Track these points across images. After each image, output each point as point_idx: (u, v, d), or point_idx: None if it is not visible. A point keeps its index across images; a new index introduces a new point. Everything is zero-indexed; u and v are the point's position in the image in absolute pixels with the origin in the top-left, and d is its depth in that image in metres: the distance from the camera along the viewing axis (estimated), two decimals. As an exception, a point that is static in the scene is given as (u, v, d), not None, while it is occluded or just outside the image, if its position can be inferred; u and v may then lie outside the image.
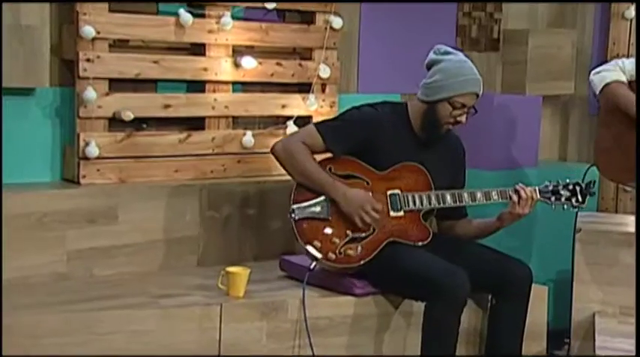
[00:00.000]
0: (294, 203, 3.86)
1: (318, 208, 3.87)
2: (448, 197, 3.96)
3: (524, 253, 5.06)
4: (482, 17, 5.49)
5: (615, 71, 4.39)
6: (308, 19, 4.83)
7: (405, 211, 3.94)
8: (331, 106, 4.89)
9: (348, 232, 3.88)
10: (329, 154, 3.99)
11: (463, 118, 3.92)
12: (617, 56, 5.34)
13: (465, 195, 3.97)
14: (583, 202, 4.00)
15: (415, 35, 5.22)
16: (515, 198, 3.92)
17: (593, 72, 4.48)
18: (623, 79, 4.40)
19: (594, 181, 4.01)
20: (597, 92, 4.44)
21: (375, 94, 4.87)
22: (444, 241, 4.03)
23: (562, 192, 4.02)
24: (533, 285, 4.00)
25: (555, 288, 5.12)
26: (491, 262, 3.90)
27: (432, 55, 3.99)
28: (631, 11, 5.51)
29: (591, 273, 4.66)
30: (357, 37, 5.11)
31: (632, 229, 4.64)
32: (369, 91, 5.08)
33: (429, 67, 3.98)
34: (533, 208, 3.96)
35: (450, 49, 3.99)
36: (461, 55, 3.98)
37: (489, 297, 4.03)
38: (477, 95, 3.95)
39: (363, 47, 5.14)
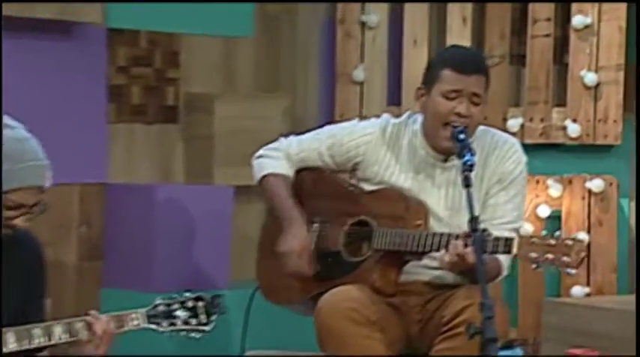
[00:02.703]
0: None
1: None
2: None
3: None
4: (148, 75, 4.79)
5: (276, 157, 3.87)
6: None
7: None
8: None
9: None
10: None
11: (19, 221, 3.36)
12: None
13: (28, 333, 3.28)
14: (207, 323, 3.47)
15: (47, 99, 4.46)
16: (84, 335, 3.34)
17: (256, 155, 3.96)
18: (284, 169, 3.85)
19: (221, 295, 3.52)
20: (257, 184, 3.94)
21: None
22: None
23: (178, 312, 3.48)
24: None
25: None
26: None
27: None
28: (360, 72, 5.12)
29: None
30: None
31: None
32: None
33: None
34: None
35: (8, 122, 3.40)
36: (19, 130, 3.39)
37: None
38: (42, 189, 3.40)
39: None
